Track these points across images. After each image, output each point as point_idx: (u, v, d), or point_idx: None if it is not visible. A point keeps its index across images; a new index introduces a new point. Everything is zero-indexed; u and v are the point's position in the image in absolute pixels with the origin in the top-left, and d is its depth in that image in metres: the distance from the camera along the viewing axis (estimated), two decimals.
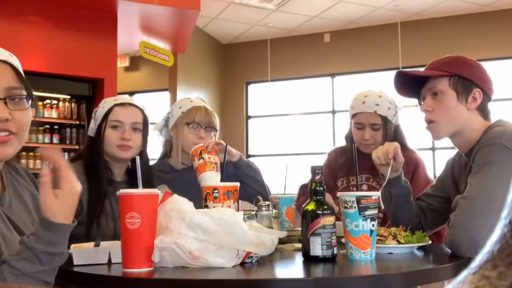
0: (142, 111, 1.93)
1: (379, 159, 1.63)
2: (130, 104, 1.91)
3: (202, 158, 1.78)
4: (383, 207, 1.63)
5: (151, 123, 2.03)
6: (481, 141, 1.46)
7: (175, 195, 1.31)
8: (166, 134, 2.25)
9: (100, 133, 1.87)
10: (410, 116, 2.32)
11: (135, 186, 1.28)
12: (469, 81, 1.53)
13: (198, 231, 1.18)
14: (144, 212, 1.18)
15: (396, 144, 1.64)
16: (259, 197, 1.78)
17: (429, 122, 1.59)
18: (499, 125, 1.49)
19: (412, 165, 2.04)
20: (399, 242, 1.42)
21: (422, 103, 1.61)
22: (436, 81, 1.56)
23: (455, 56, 1.60)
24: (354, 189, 1.95)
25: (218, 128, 2.18)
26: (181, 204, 1.24)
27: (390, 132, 2.09)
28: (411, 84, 1.65)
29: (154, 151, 2.35)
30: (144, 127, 1.91)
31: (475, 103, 1.53)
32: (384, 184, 1.66)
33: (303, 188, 2.14)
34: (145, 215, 1.17)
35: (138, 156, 1.35)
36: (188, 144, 2.10)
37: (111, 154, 1.86)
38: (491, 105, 1.59)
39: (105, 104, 1.91)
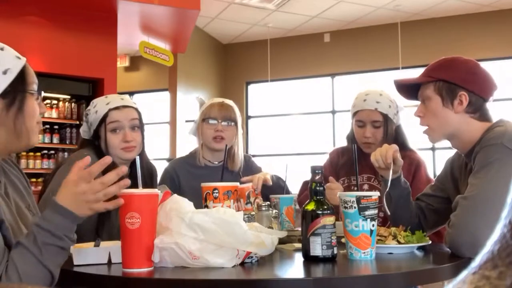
0: (136, 109, 1.95)
1: (377, 162, 1.63)
2: (124, 106, 1.92)
3: (250, 202, 1.76)
4: (389, 212, 1.63)
5: (152, 123, 2.05)
6: (482, 141, 1.46)
7: (175, 195, 1.31)
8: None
9: (101, 138, 1.88)
10: (410, 116, 2.32)
11: (143, 182, 1.29)
12: (453, 84, 1.53)
13: (198, 231, 1.18)
14: (144, 212, 1.18)
15: (395, 147, 1.64)
16: (252, 194, 1.79)
17: (424, 126, 1.61)
18: (499, 125, 1.49)
19: (413, 166, 2.04)
20: (399, 242, 1.42)
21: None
22: (425, 87, 1.58)
23: (446, 59, 1.60)
24: (355, 188, 1.94)
25: (238, 121, 2.17)
26: (181, 204, 1.24)
27: (391, 131, 2.09)
28: (412, 88, 1.66)
29: (154, 151, 2.36)
30: (141, 123, 1.93)
31: (461, 106, 1.52)
32: (387, 189, 1.64)
33: (306, 184, 2.15)
34: (145, 215, 1.17)
35: (138, 156, 1.35)
36: (208, 140, 2.15)
37: (117, 157, 1.87)
38: (489, 105, 1.58)
39: (97, 107, 1.89)
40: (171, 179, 2.14)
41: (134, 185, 1.27)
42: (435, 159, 7.53)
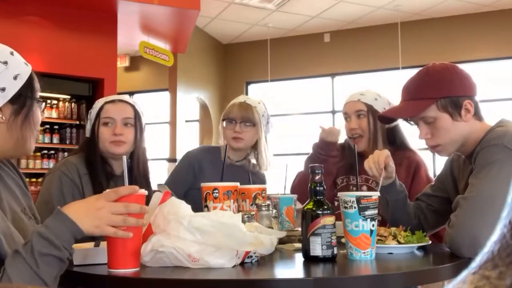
0: (133, 106, 1.94)
1: (371, 170, 1.62)
2: (120, 100, 1.93)
3: (256, 204, 1.70)
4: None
5: (152, 123, 2.06)
6: (483, 141, 1.45)
7: (173, 198, 1.30)
8: None
9: (95, 132, 1.89)
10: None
11: (135, 180, 1.28)
12: (454, 97, 1.49)
13: (197, 234, 1.18)
14: (134, 213, 1.14)
15: (386, 152, 1.63)
16: (258, 197, 1.78)
17: (433, 146, 1.56)
18: (500, 125, 1.48)
19: (413, 167, 2.03)
20: (399, 242, 1.42)
21: (414, 126, 1.58)
22: (424, 111, 1.52)
23: (426, 71, 1.54)
24: (354, 188, 1.93)
25: (259, 121, 2.13)
26: (179, 207, 1.23)
27: (380, 125, 2.06)
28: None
29: (154, 151, 2.36)
30: (136, 122, 1.91)
31: (470, 113, 1.50)
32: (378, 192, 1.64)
33: (308, 162, 2.13)
34: (133, 216, 1.14)
35: (125, 157, 1.33)
36: (228, 139, 2.15)
37: (106, 151, 1.88)
38: (485, 104, 1.57)
39: (98, 104, 1.94)
40: (190, 165, 2.13)
41: (133, 179, 1.26)
42: (435, 159, 7.52)
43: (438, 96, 1.49)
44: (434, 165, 7.44)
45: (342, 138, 2.30)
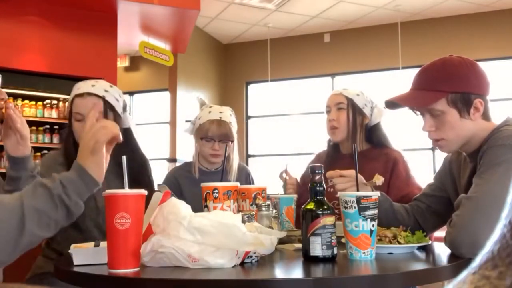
0: (103, 98, 1.84)
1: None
2: (89, 94, 1.84)
3: (256, 204, 1.70)
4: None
5: (152, 123, 2.05)
6: (490, 140, 1.43)
7: (173, 198, 1.30)
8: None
9: (71, 125, 1.87)
10: (409, 116, 2.31)
11: (121, 174, 1.26)
12: (467, 93, 1.46)
13: (197, 234, 1.18)
14: (134, 212, 1.17)
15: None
16: (258, 197, 1.78)
17: (436, 139, 1.53)
18: (508, 124, 1.47)
19: (391, 162, 2.03)
20: (399, 242, 1.42)
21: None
22: (433, 104, 1.49)
23: (443, 63, 1.50)
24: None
25: (234, 138, 2.19)
26: (179, 207, 1.23)
27: (359, 120, 2.11)
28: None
29: (154, 151, 2.37)
30: (107, 114, 1.82)
31: (478, 112, 1.47)
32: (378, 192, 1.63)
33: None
34: (134, 215, 1.17)
35: (124, 157, 1.32)
36: (205, 156, 2.20)
37: None
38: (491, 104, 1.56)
39: (72, 93, 1.89)
40: (172, 185, 2.14)
41: (120, 173, 1.25)
42: (435, 159, 7.52)
43: (450, 90, 1.46)
44: (434, 165, 7.44)
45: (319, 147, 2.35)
